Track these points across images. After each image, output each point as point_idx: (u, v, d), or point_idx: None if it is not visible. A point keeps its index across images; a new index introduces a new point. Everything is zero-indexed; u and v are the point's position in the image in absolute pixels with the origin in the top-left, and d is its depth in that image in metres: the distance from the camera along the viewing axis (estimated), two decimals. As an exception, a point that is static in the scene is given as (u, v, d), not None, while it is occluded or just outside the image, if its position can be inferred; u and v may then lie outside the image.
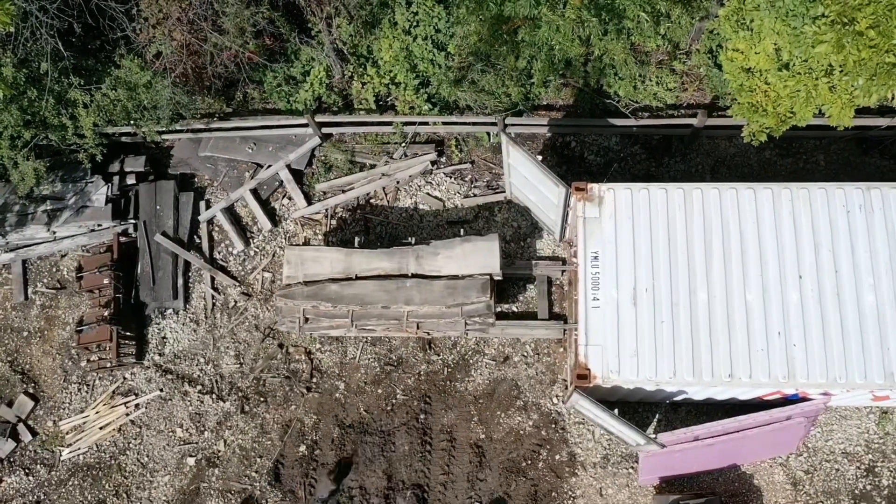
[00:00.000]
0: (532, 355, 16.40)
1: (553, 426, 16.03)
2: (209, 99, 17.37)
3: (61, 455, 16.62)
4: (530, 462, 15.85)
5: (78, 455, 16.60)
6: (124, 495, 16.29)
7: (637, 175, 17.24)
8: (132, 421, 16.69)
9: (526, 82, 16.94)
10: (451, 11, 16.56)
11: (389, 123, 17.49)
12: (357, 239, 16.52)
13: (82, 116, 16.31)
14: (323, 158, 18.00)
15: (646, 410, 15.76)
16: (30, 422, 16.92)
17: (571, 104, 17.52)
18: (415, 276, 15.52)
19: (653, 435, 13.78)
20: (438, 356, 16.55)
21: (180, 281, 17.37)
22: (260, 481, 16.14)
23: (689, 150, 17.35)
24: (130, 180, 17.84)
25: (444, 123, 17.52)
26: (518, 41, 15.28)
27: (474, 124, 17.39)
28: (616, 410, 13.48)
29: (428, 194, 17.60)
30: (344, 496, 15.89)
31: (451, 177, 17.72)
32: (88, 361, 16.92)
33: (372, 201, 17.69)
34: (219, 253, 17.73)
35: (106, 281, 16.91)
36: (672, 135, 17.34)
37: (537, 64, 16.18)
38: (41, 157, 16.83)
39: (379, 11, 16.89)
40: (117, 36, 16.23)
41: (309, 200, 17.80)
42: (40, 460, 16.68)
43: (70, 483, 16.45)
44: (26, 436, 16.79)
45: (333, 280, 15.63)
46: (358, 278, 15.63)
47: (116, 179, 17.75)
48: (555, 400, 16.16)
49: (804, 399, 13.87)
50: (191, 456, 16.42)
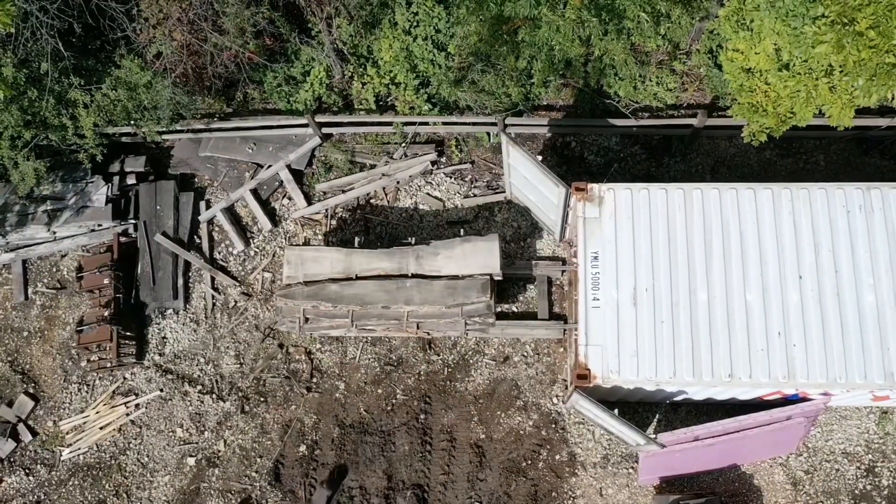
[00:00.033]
0: (532, 355, 16.40)
1: (553, 426, 16.03)
2: (209, 99, 17.37)
3: (61, 455, 16.62)
4: (530, 462, 15.85)
5: (78, 455, 16.60)
6: (124, 495, 16.29)
7: (637, 175, 17.24)
8: (132, 421, 16.70)
9: (526, 82, 16.94)
10: (451, 11, 16.56)
11: (389, 123, 17.49)
12: (357, 239, 16.51)
13: (82, 116, 16.32)
14: (323, 158, 18.00)
15: (646, 410, 15.76)
16: (30, 422, 16.93)
17: (571, 104, 17.51)
18: (415, 277, 15.52)
19: (653, 435, 13.78)
20: (438, 356, 16.55)
21: (180, 281, 17.37)
22: (260, 481, 16.14)
23: (689, 151, 17.35)
24: (130, 180, 17.84)
25: (444, 123, 17.52)
26: (518, 41, 15.28)
27: (474, 124, 17.39)
28: (616, 410, 13.48)
29: (428, 194, 17.60)
30: (344, 496, 15.90)
31: (451, 177, 17.72)
32: (89, 361, 16.92)
33: (372, 201, 17.69)
34: (219, 253, 17.73)
35: (106, 281, 16.91)
36: (672, 135, 17.34)
37: (537, 64, 16.18)
38: (41, 158, 16.84)
39: (379, 12, 16.89)
40: (117, 36, 16.23)
41: (309, 200, 17.81)
42: (40, 460, 16.68)
43: (70, 483, 16.45)
44: (26, 436, 16.79)
45: (333, 280, 15.63)
46: (358, 278, 15.63)
47: (116, 179, 17.76)
48: (555, 400, 16.16)
49: (804, 399, 13.86)
50: (191, 456, 16.43)
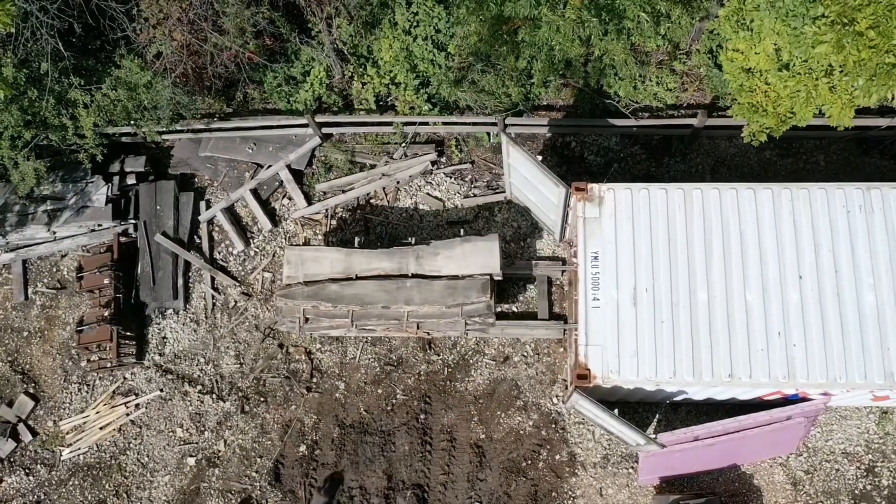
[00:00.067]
0: (532, 355, 16.40)
1: (553, 426, 16.03)
2: (209, 99, 17.38)
3: (61, 455, 16.62)
4: (530, 462, 15.85)
5: (78, 455, 16.60)
6: (124, 495, 16.29)
7: (637, 175, 17.24)
8: (132, 421, 16.70)
9: (526, 82, 16.94)
10: (451, 11, 16.56)
11: (389, 123, 17.49)
12: (357, 239, 16.52)
13: (83, 116, 16.32)
14: (323, 158, 18.00)
15: (646, 410, 15.76)
16: (30, 422, 16.93)
17: (571, 104, 17.51)
18: (415, 276, 15.53)
19: (653, 435, 13.78)
20: (438, 356, 16.56)
21: (180, 281, 17.37)
22: (260, 481, 16.15)
23: (689, 151, 17.35)
24: (131, 180, 17.85)
25: (444, 123, 17.52)
26: (518, 41, 15.28)
27: (474, 124, 17.39)
28: (616, 410, 13.48)
29: (428, 194, 17.60)
30: (344, 496, 15.89)
31: (451, 177, 17.72)
32: (89, 361, 16.92)
33: (372, 201, 17.69)
34: (219, 253, 17.73)
35: (106, 281, 16.92)
36: (672, 135, 17.34)
37: (537, 64, 16.18)
38: (41, 158, 16.84)
39: (379, 12, 16.89)
40: (117, 36, 16.23)
41: (309, 200, 17.81)
42: (40, 460, 16.68)
43: (70, 483, 16.45)
44: (26, 436, 16.79)
45: (333, 280, 15.63)
46: (358, 278, 15.63)
47: (117, 179, 17.76)
48: (555, 400, 16.16)
49: (804, 399, 13.87)
50: (191, 456, 16.43)
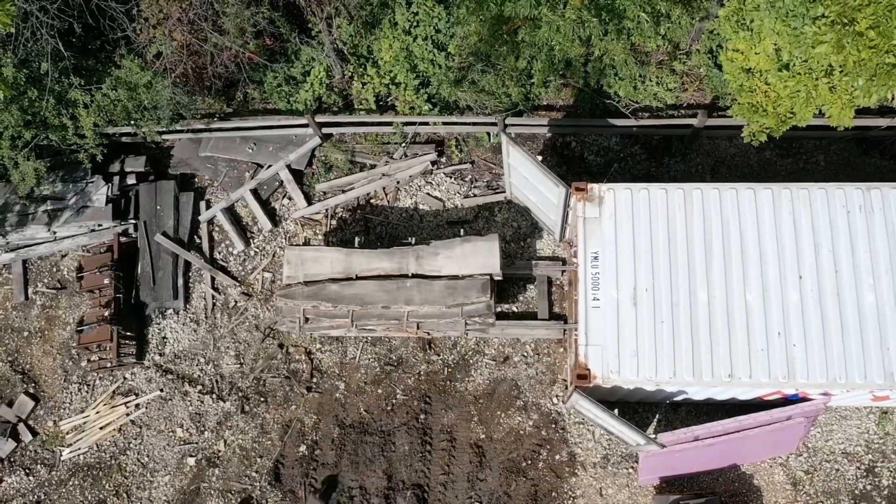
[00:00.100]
0: (532, 355, 16.40)
1: (553, 426, 16.03)
2: (209, 99, 17.38)
3: (61, 455, 16.63)
4: (530, 462, 15.85)
5: (78, 455, 16.60)
6: (124, 495, 16.29)
7: (637, 175, 17.24)
8: (132, 421, 16.70)
9: (526, 82, 16.94)
10: (452, 11, 16.56)
11: (389, 124, 17.49)
12: (357, 239, 16.52)
13: (83, 116, 16.32)
14: (323, 158, 18.01)
15: (646, 410, 15.76)
16: (30, 422, 16.93)
17: (571, 104, 17.52)
18: (415, 277, 15.53)
19: (653, 435, 13.79)
20: (438, 356, 16.56)
21: (180, 281, 17.37)
22: (260, 481, 16.15)
23: (689, 151, 17.35)
24: (131, 180, 17.85)
25: (444, 123, 17.52)
26: (518, 41, 15.28)
27: (474, 124, 17.39)
28: (616, 410, 13.48)
29: (428, 194, 17.60)
30: (344, 496, 15.90)
31: (451, 177, 17.73)
32: (89, 361, 16.93)
33: (372, 201, 17.70)
34: (219, 253, 17.73)
35: (106, 281, 16.92)
36: (672, 135, 17.34)
37: (537, 64, 16.18)
38: (41, 158, 16.85)
39: (379, 12, 16.89)
40: (118, 36, 16.23)
41: (309, 200, 17.81)
42: (40, 460, 16.68)
43: (70, 483, 16.45)
44: (27, 436, 16.79)
45: (333, 280, 15.63)
46: (358, 278, 15.63)
47: (117, 179, 17.76)
48: (555, 400, 16.17)
49: (804, 399, 13.86)
50: (191, 456, 16.43)
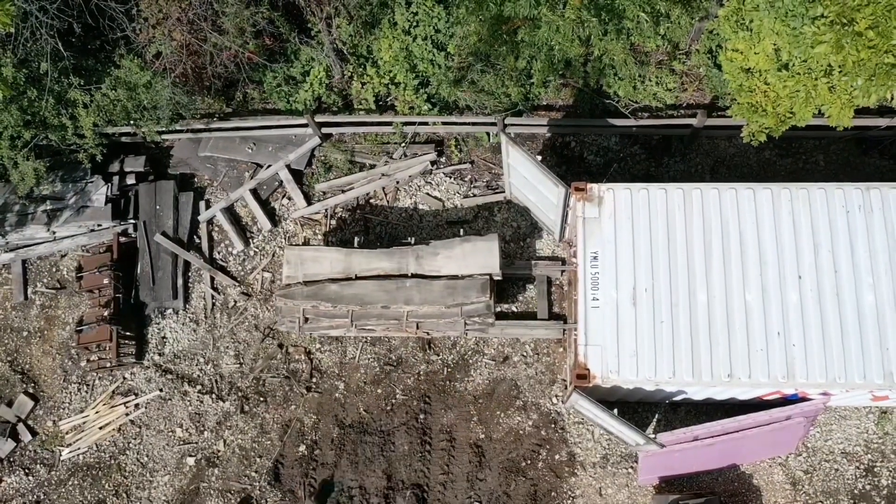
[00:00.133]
0: (531, 355, 16.41)
1: (552, 426, 16.03)
2: (209, 99, 17.38)
3: (61, 455, 16.63)
4: (530, 462, 15.86)
5: (78, 455, 16.60)
6: (124, 495, 16.29)
7: (636, 175, 17.24)
8: (132, 421, 16.70)
9: (525, 82, 16.94)
10: (451, 11, 16.57)
11: (389, 123, 17.50)
12: (357, 239, 16.52)
13: (82, 116, 16.32)
14: (323, 158, 18.01)
15: (645, 410, 15.76)
16: (29, 422, 16.93)
17: (571, 104, 17.52)
18: (414, 276, 15.53)
19: (652, 435, 13.79)
20: (438, 356, 16.56)
21: (180, 281, 17.37)
22: (259, 481, 16.15)
23: (689, 151, 17.35)
24: (130, 180, 17.85)
25: (444, 123, 17.53)
26: (518, 41, 15.27)
27: (474, 124, 17.39)
28: (615, 410, 13.48)
29: (427, 194, 17.61)
30: (344, 496, 15.90)
31: (451, 177, 17.73)
32: (88, 361, 16.93)
33: (372, 201, 17.70)
34: (218, 253, 17.73)
35: (106, 281, 16.92)
36: (672, 135, 17.35)
37: (537, 64, 16.18)
38: (41, 157, 16.84)
39: (379, 11, 16.90)
40: (117, 36, 16.23)
41: (308, 200, 17.81)
42: (40, 460, 16.68)
43: (70, 483, 16.46)
44: (26, 436, 16.79)
45: (333, 280, 15.63)
46: (358, 278, 15.63)
47: (116, 179, 17.76)
48: (554, 400, 16.17)
49: (803, 399, 13.87)
50: (190, 456, 16.43)
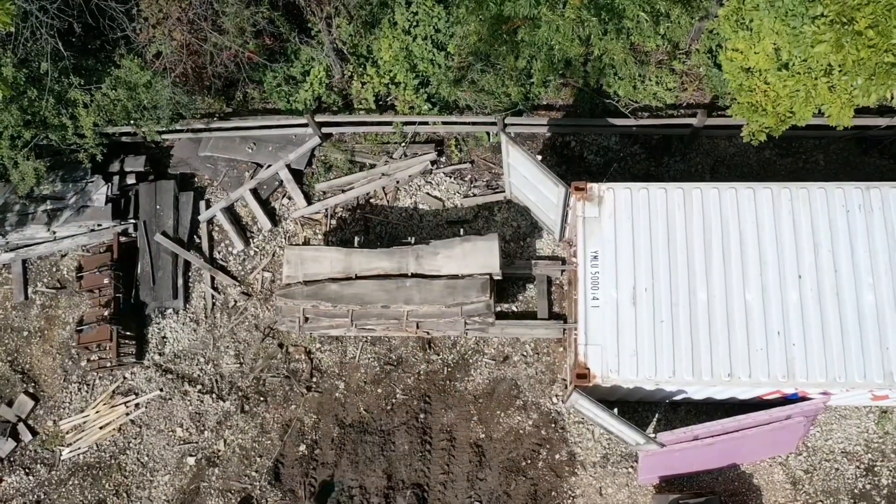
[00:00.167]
0: (532, 355, 16.41)
1: (553, 426, 16.04)
2: (209, 99, 17.38)
3: (61, 454, 16.63)
4: (530, 461, 15.86)
5: (78, 455, 16.61)
6: (124, 495, 16.30)
7: (637, 175, 17.25)
8: (132, 420, 16.71)
9: (526, 82, 16.95)
10: (451, 11, 16.57)
11: (389, 123, 17.50)
12: (357, 239, 16.53)
13: (82, 116, 16.33)
14: (323, 158, 18.01)
15: (645, 410, 15.77)
16: (30, 421, 16.94)
17: (571, 104, 17.52)
18: (414, 276, 15.53)
19: (652, 434, 13.78)
20: (438, 356, 16.56)
21: (180, 281, 17.38)
22: (260, 481, 16.15)
23: (689, 150, 17.36)
24: (130, 180, 17.86)
25: (444, 123, 17.53)
26: (518, 41, 15.28)
27: (474, 124, 17.40)
28: (615, 410, 13.49)
29: (428, 194, 17.61)
30: (344, 496, 15.91)
31: (451, 176, 17.73)
32: (88, 361, 16.93)
33: (372, 201, 17.70)
34: (219, 253, 17.74)
35: (106, 281, 16.92)
36: (672, 134, 17.35)
37: (537, 64, 16.19)
38: (41, 157, 16.85)
39: (379, 11, 16.90)
40: (117, 36, 16.24)
41: (309, 200, 17.82)
42: (40, 460, 16.69)
43: (70, 482, 16.46)
44: (26, 435, 16.80)
45: (333, 280, 15.64)
46: (358, 278, 15.64)
47: (116, 179, 17.77)
48: (554, 399, 16.17)
49: (804, 398, 13.87)
50: (191, 455, 16.44)
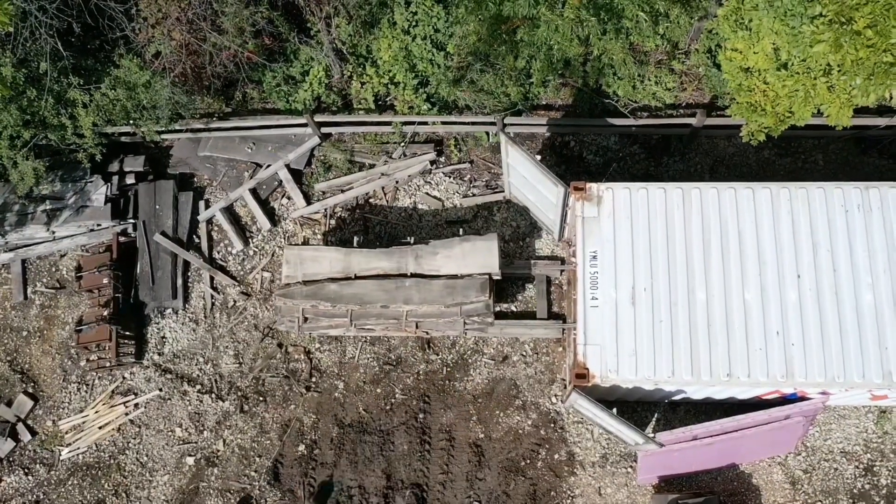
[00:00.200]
0: (531, 355, 16.41)
1: (552, 425, 16.04)
2: (208, 99, 17.38)
3: (60, 455, 16.63)
4: (529, 461, 15.86)
5: (77, 455, 16.60)
6: (123, 495, 16.30)
7: (636, 175, 17.25)
8: (131, 420, 16.70)
9: (525, 82, 16.95)
10: (450, 11, 16.58)
11: (388, 123, 17.50)
12: (356, 238, 16.53)
13: (81, 116, 16.32)
14: (322, 158, 18.01)
15: (644, 410, 15.77)
16: (29, 421, 16.93)
17: (570, 104, 17.52)
18: (414, 276, 15.53)
19: (651, 434, 13.79)
20: (437, 355, 16.56)
21: (179, 280, 17.37)
22: (259, 481, 16.15)
23: (688, 150, 17.36)
24: (130, 180, 17.85)
25: (443, 123, 17.53)
26: (517, 41, 15.29)
27: (473, 124, 17.40)
28: (614, 410, 13.49)
29: (427, 194, 17.61)
30: (343, 496, 15.91)
31: (450, 176, 17.73)
32: (88, 361, 16.93)
33: (371, 201, 17.70)
34: (218, 252, 17.74)
35: (105, 280, 16.92)
36: (671, 134, 17.35)
37: (536, 63, 16.18)
38: (40, 157, 16.84)
39: (378, 11, 16.90)
40: (116, 36, 16.24)
41: (308, 200, 17.82)
42: (40, 460, 16.69)
43: (69, 482, 16.46)
44: (26, 435, 16.80)
45: (332, 280, 15.64)
46: (357, 278, 15.64)
47: (116, 179, 17.76)
48: (553, 399, 16.17)
49: (803, 398, 13.88)
50: (190, 455, 16.44)
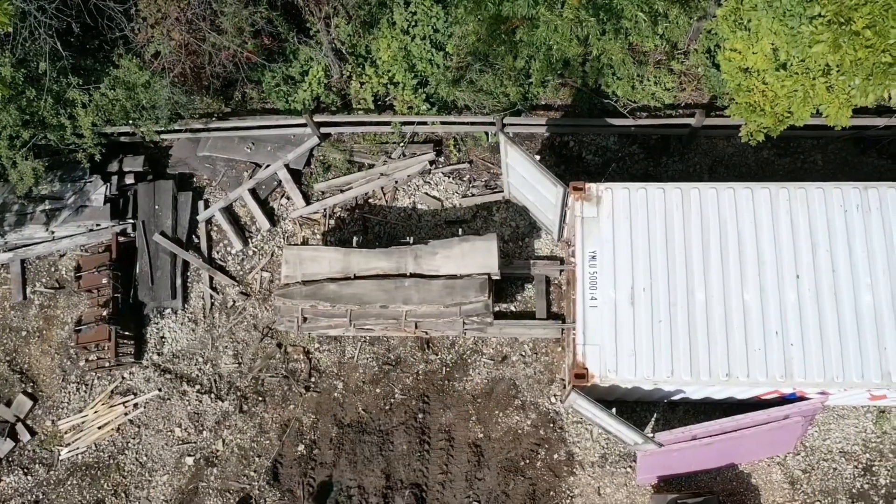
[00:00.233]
0: (530, 355, 16.42)
1: (551, 425, 16.04)
2: (208, 99, 17.38)
3: (60, 455, 16.62)
4: (528, 461, 15.87)
5: (76, 455, 16.60)
6: (123, 495, 16.30)
7: (635, 175, 17.26)
8: (131, 420, 16.70)
9: (524, 82, 16.95)
10: (450, 11, 16.58)
11: (388, 123, 17.50)
12: (355, 238, 16.53)
13: (81, 116, 16.32)
14: (321, 158, 18.02)
15: (644, 410, 15.77)
16: (28, 421, 16.93)
17: (569, 104, 17.53)
18: (413, 276, 15.54)
19: (651, 434, 13.79)
20: (437, 356, 16.57)
21: (179, 280, 17.37)
22: (258, 480, 16.16)
23: (687, 150, 17.37)
24: (129, 180, 17.85)
25: (443, 123, 17.53)
26: (516, 41, 15.29)
27: (472, 124, 17.40)
28: (614, 410, 13.50)
29: (426, 194, 17.61)
30: (343, 495, 15.91)
31: (450, 176, 17.74)
32: (87, 361, 16.92)
33: (370, 201, 17.71)
34: (217, 252, 17.74)
35: (104, 280, 16.92)
36: (670, 134, 17.36)
37: (535, 64, 16.19)
38: (40, 157, 16.83)
39: (377, 11, 16.90)
40: (116, 36, 16.24)
41: (307, 200, 17.82)
42: (39, 460, 16.69)
43: (69, 482, 16.46)
44: (25, 435, 16.79)
45: (332, 280, 15.64)
46: (356, 278, 15.64)
47: (115, 179, 17.76)
48: (553, 399, 16.18)
49: (802, 398, 13.89)
50: (189, 455, 16.44)
